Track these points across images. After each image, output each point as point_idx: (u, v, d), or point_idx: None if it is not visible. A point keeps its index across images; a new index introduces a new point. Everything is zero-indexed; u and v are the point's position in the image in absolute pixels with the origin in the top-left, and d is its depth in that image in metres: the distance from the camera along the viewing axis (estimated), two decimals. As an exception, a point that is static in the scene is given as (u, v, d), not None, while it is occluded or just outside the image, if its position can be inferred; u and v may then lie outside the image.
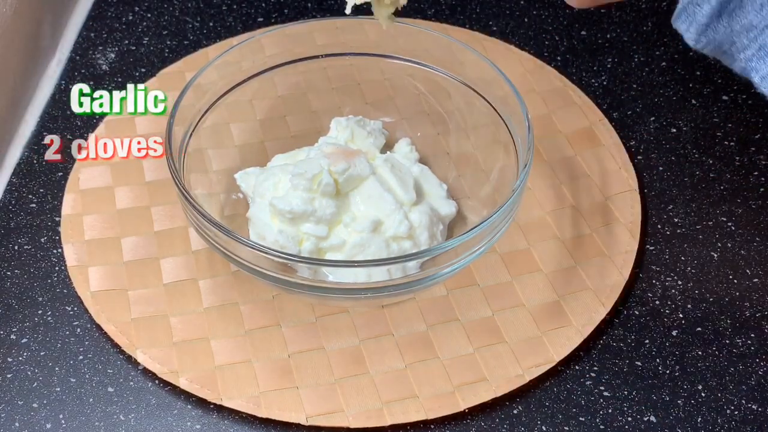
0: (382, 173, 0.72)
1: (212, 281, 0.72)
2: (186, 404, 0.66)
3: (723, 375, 0.68)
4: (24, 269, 0.74)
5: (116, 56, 0.90)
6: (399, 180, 0.72)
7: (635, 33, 0.91)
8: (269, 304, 0.71)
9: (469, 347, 0.69)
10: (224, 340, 0.69)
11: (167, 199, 0.77)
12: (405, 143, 0.79)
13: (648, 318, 0.71)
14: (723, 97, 0.86)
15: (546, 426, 0.65)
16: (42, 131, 0.83)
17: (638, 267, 0.74)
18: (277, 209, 0.70)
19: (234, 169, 0.77)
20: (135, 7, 0.95)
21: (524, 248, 0.75)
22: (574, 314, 0.70)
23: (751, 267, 0.74)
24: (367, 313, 0.70)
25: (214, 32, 0.92)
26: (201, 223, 0.66)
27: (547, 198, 0.78)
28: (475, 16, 0.93)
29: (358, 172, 0.71)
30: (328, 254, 0.70)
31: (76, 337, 0.70)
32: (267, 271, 0.65)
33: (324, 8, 0.94)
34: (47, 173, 0.80)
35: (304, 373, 0.67)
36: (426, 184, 0.75)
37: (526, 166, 0.68)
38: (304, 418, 0.65)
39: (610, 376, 0.68)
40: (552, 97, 0.85)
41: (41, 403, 0.66)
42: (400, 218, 0.70)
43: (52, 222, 0.77)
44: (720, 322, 0.71)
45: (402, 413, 0.65)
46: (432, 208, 0.73)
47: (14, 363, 0.68)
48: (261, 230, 0.71)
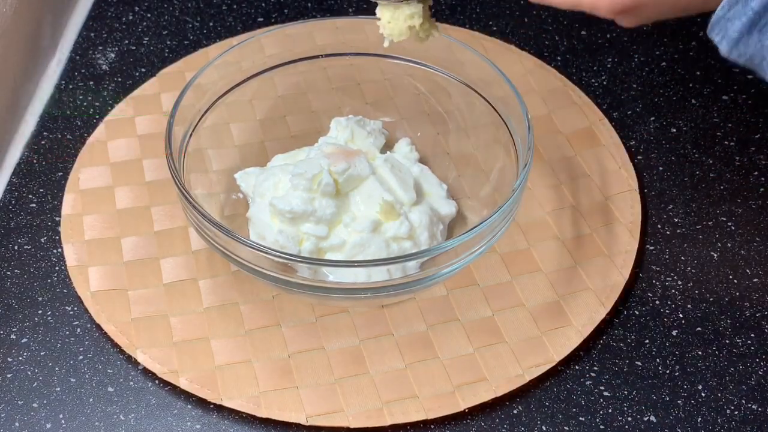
0: (382, 173, 0.72)
1: (212, 281, 0.72)
2: (186, 404, 0.66)
3: (723, 375, 0.68)
4: (24, 269, 0.74)
5: (116, 56, 0.90)
6: (399, 180, 0.72)
7: (635, 33, 0.91)
8: (269, 304, 0.71)
9: (469, 347, 0.69)
10: (224, 340, 0.69)
11: (167, 199, 0.77)
12: (405, 143, 0.79)
13: (648, 318, 0.71)
14: (723, 97, 0.86)
15: (546, 426, 0.65)
16: (42, 131, 0.83)
17: (638, 267, 0.74)
18: (277, 209, 0.70)
19: (234, 169, 0.77)
20: (135, 7, 0.95)
21: (524, 248, 0.75)
22: (574, 314, 0.70)
23: (751, 267, 0.74)
24: (367, 313, 0.70)
25: (214, 32, 0.92)
26: (201, 223, 0.66)
27: (547, 198, 0.78)
28: (475, 16, 0.93)
29: (358, 172, 0.71)
30: (328, 254, 0.70)
31: (76, 337, 0.70)
32: (267, 271, 0.65)
33: (324, 8, 0.94)
34: (47, 173, 0.80)
35: (304, 373, 0.67)
36: (426, 184, 0.75)
37: (526, 166, 0.68)
38: (304, 418, 0.65)
39: (610, 376, 0.68)
40: (552, 97, 0.85)
41: (41, 403, 0.66)
42: (401, 219, 0.70)
43: (52, 222, 0.77)
44: (720, 322, 0.71)
45: (402, 413, 0.65)
46: (432, 208, 0.73)
47: (14, 363, 0.68)
48: (261, 230, 0.71)
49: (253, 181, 0.75)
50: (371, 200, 0.70)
